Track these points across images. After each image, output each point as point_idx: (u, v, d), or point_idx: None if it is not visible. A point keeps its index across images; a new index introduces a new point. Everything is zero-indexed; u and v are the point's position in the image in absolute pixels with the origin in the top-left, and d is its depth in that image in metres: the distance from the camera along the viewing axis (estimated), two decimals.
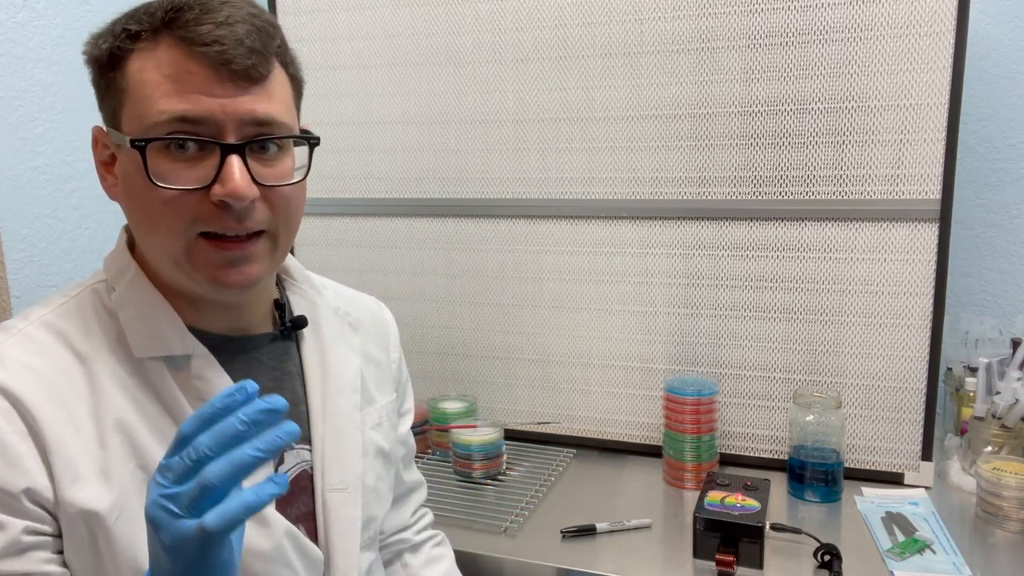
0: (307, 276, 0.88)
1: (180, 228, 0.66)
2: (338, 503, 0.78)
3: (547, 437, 1.50)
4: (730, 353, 1.37)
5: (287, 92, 0.72)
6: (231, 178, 0.64)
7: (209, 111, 0.64)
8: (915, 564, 1.03)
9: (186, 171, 0.65)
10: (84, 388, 0.67)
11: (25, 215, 1.37)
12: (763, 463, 1.36)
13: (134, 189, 0.67)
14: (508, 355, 1.51)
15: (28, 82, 1.36)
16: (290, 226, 0.73)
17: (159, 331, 0.70)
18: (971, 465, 1.25)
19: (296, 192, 0.72)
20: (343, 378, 0.83)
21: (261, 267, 0.70)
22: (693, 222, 1.35)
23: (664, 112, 1.34)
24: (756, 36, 1.27)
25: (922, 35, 1.19)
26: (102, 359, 0.68)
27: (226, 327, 0.75)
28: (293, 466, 0.77)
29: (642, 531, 1.15)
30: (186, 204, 0.65)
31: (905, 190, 1.24)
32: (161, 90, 0.64)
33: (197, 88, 0.64)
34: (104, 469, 0.65)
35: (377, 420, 0.87)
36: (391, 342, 0.94)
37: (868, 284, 1.28)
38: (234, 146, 0.65)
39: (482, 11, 1.41)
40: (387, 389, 0.91)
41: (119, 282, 0.72)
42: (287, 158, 0.71)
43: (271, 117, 0.67)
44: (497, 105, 1.43)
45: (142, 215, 0.68)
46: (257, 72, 0.66)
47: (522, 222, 1.46)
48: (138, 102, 0.65)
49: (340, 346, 0.84)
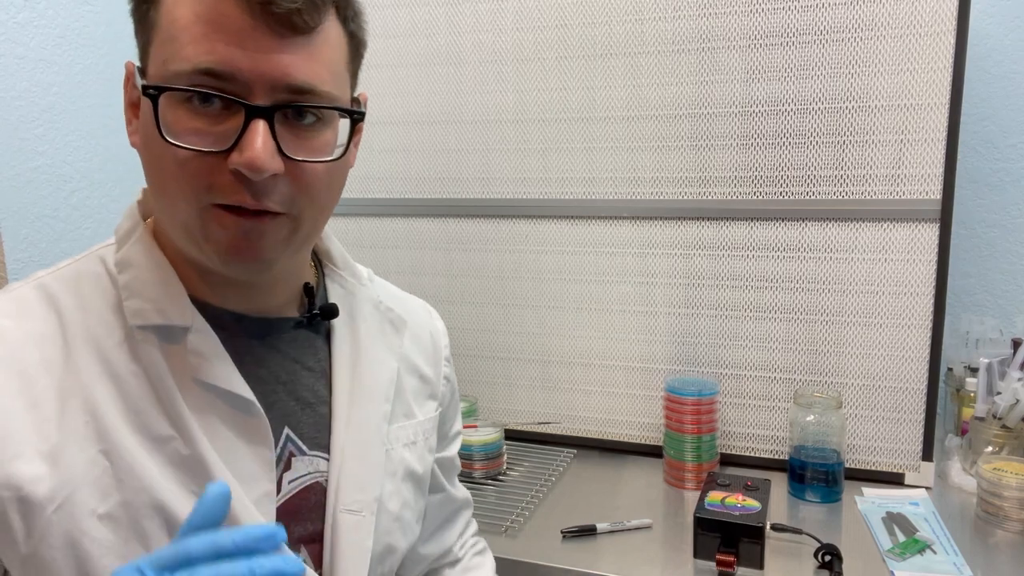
0: (351, 265, 0.78)
1: (192, 195, 0.57)
2: (350, 527, 0.67)
3: (547, 437, 1.50)
4: (730, 353, 1.37)
5: (339, 53, 0.61)
6: (251, 145, 0.55)
7: (238, 66, 0.55)
8: (916, 564, 1.03)
9: (205, 130, 0.56)
10: (56, 359, 0.59)
11: (25, 215, 1.37)
12: (764, 463, 1.36)
13: (148, 141, 0.59)
14: (508, 355, 1.51)
15: (28, 82, 1.36)
16: (317, 211, 0.63)
17: (158, 297, 0.62)
18: (972, 465, 1.25)
19: (330, 172, 0.62)
20: (376, 383, 0.72)
21: (277, 249, 0.61)
22: (693, 222, 1.35)
23: (664, 112, 1.34)
24: (756, 36, 1.27)
25: (922, 35, 1.19)
26: (88, 329, 0.61)
27: (242, 306, 0.66)
28: (304, 475, 0.67)
29: (642, 531, 1.15)
30: (200, 168, 0.56)
31: (905, 190, 1.24)
32: (190, 33, 0.55)
33: (230, 34, 0.54)
34: (54, 451, 0.57)
35: (412, 438, 0.76)
36: (441, 355, 0.83)
37: (868, 284, 1.28)
38: (261, 109, 0.55)
39: (482, 11, 1.41)
40: (429, 405, 0.80)
41: (124, 243, 0.65)
42: (327, 131, 0.61)
43: (309, 83, 0.57)
44: (497, 105, 1.43)
45: (154, 172, 0.59)
46: (302, 21, 0.56)
47: (522, 222, 1.46)
48: (165, 43, 0.56)
49: (378, 345, 0.74)
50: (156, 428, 0.60)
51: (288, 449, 0.67)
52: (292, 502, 0.66)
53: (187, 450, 0.60)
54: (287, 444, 0.67)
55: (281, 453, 0.66)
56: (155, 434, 0.60)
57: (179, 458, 0.60)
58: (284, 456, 0.66)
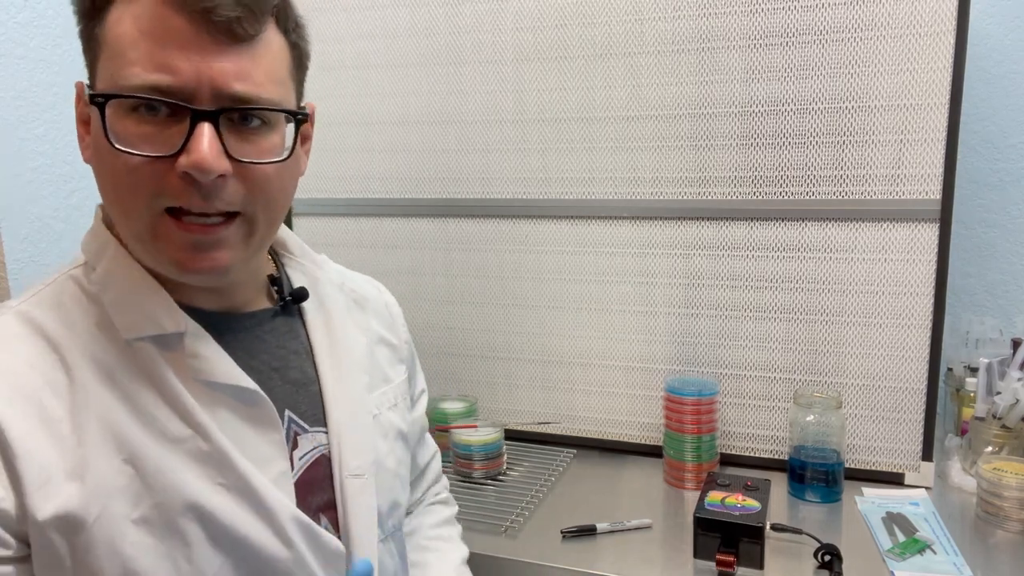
0: (306, 251, 0.82)
1: (142, 201, 0.59)
2: (357, 490, 0.73)
3: (547, 437, 1.50)
4: (730, 353, 1.37)
5: (280, 61, 0.64)
6: (198, 148, 0.57)
7: (182, 74, 0.57)
8: (915, 564, 1.03)
9: (153, 136, 0.58)
10: (60, 380, 0.61)
11: (25, 215, 1.37)
12: (763, 463, 1.36)
13: (99, 153, 0.61)
14: (508, 355, 1.51)
15: (28, 82, 1.36)
16: (271, 211, 0.65)
17: (147, 309, 0.64)
18: (972, 465, 1.25)
19: (279, 173, 0.64)
20: (352, 358, 0.78)
21: (233, 254, 0.64)
22: (693, 222, 1.35)
23: (664, 112, 1.34)
24: (756, 36, 1.27)
25: (922, 35, 1.19)
26: (82, 348, 0.62)
27: (222, 305, 0.70)
28: (310, 451, 0.72)
29: (642, 531, 1.15)
30: (149, 174, 0.58)
31: (905, 190, 1.24)
32: (136, 50, 0.57)
33: (173, 45, 0.57)
34: (79, 467, 0.59)
35: (394, 400, 0.83)
36: (397, 323, 0.90)
37: (868, 284, 1.28)
38: (206, 113, 0.58)
39: (482, 11, 1.41)
40: (400, 368, 0.87)
41: (99, 261, 0.66)
42: (273, 134, 0.64)
43: (251, 88, 0.60)
44: (497, 105, 1.43)
45: (106, 183, 0.61)
46: (242, 29, 0.58)
47: (522, 222, 1.46)
48: (111, 59, 0.59)
49: (347, 323, 0.80)
50: (172, 430, 0.62)
51: (293, 429, 0.72)
52: (305, 476, 0.71)
53: (206, 446, 0.63)
54: (291, 425, 0.72)
55: (287, 433, 0.71)
56: (172, 436, 0.62)
57: (199, 454, 0.63)
58: (290, 436, 0.71)
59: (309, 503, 0.70)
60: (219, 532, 0.62)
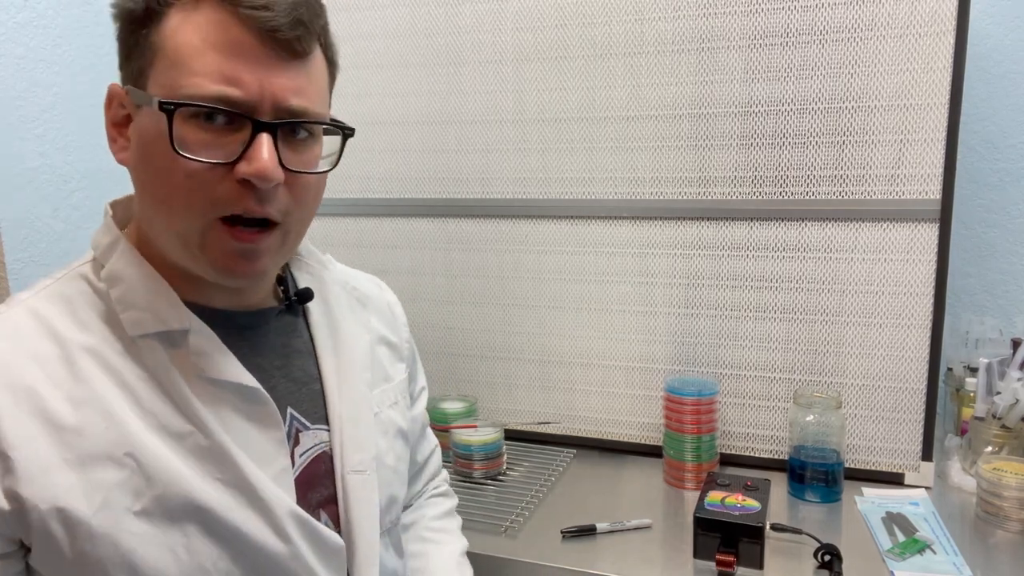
0: (312, 251, 0.85)
1: (198, 207, 0.62)
2: (358, 486, 0.74)
3: (547, 437, 1.50)
4: (730, 353, 1.37)
5: (324, 77, 0.68)
6: (259, 157, 0.61)
7: (247, 86, 0.61)
8: (915, 564, 1.03)
9: (211, 144, 0.61)
10: (62, 374, 0.62)
11: (25, 215, 1.37)
12: (763, 463, 1.36)
13: (152, 156, 0.63)
14: (508, 355, 1.51)
15: (28, 82, 1.36)
16: (304, 219, 0.70)
17: (153, 305, 0.65)
18: (971, 465, 1.25)
19: (317, 183, 0.69)
20: (355, 356, 0.79)
21: (270, 261, 0.67)
22: (693, 222, 1.35)
23: (664, 112, 1.34)
24: (756, 36, 1.27)
25: (922, 35, 1.19)
26: (87, 343, 0.64)
27: (227, 303, 0.72)
28: (311, 447, 0.74)
29: (642, 531, 1.15)
30: (208, 180, 0.61)
31: (905, 190, 1.24)
32: (202, 61, 0.60)
33: (239, 58, 0.60)
34: (80, 459, 0.60)
35: (394, 398, 0.85)
36: (399, 322, 0.92)
37: (868, 284, 1.28)
38: (267, 124, 0.62)
39: (482, 11, 1.41)
40: (400, 367, 0.89)
41: (108, 257, 0.68)
42: (316, 146, 0.68)
43: (305, 102, 0.64)
44: (497, 105, 1.43)
45: (157, 185, 0.63)
46: (301, 47, 0.63)
47: (522, 222, 1.46)
48: (173, 67, 0.61)
49: (350, 321, 0.81)
50: (173, 425, 0.64)
51: (295, 426, 0.73)
52: (306, 473, 0.72)
53: (206, 441, 0.65)
54: (293, 422, 0.73)
55: (289, 431, 0.72)
56: (173, 431, 0.64)
57: (200, 450, 0.64)
58: (292, 433, 0.73)
59: (309, 499, 0.72)
60: (217, 526, 0.64)
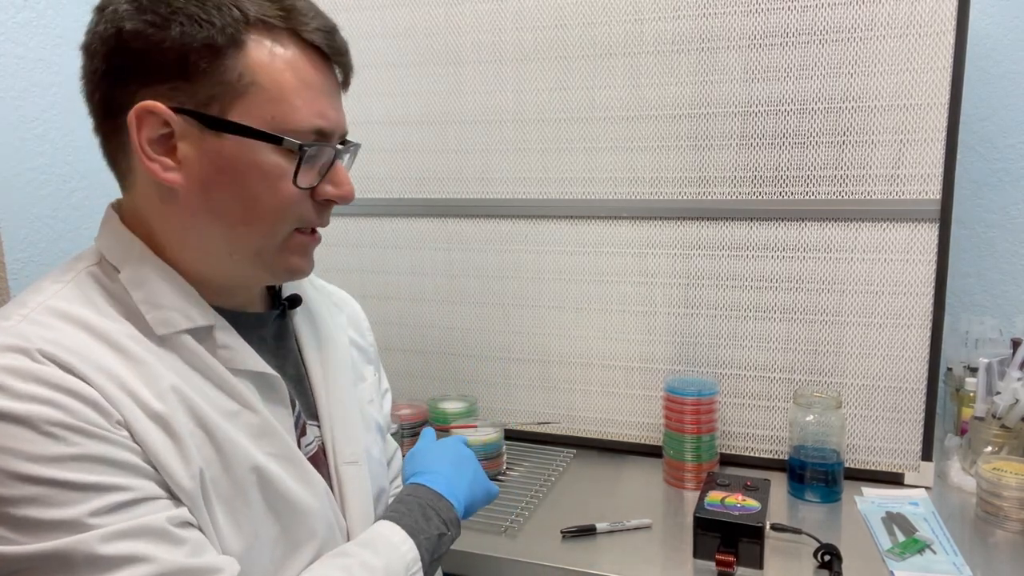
0: None
1: (283, 226, 0.69)
2: (352, 476, 0.79)
3: (547, 437, 1.50)
4: (730, 353, 1.37)
5: None
6: (346, 181, 0.72)
7: (332, 120, 0.69)
8: (915, 564, 1.03)
9: (303, 173, 0.68)
10: (112, 358, 0.62)
11: (25, 215, 1.37)
12: (763, 463, 1.36)
13: (241, 183, 0.66)
14: (508, 355, 1.51)
15: (28, 82, 1.36)
16: None
17: (179, 305, 0.67)
18: (971, 465, 1.25)
19: None
20: (337, 356, 0.84)
21: None
22: (693, 222, 1.35)
23: (664, 112, 1.34)
24: (756, 36, 1.27)
25: (922, 35, 1.19)
26: (121, 337, 0.64)
27: (232, 305, 0.74)
28: (312, 440, 0.78)
29: (642, 531, 1.15)
30: (298, 202, 0.69)
31: (905, 190, 1.24)
32: (300, 98, 0.67)
33: (325, 95, 0.69)
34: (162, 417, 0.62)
35: (370, 396, 0.89)
36: (363, 327, 0.97)
37: (868, 284, 1.28)
38: (340, 150, 0.71)
39: (482, 11, 1.41)
40: (370, 369, 0.93)
41: (125, 262, 0.68)
42: None
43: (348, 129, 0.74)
44: (497, 105, 1.43)
45: (240, 210, 0.67)
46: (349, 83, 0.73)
47: (522, 222, 1.46)
48: (272, 101, 0.66)
49: (329, 324, 0.86)
50: (225, 405, 0.68)
51: (302, 418, 0.77)
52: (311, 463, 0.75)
53: (256, 419, 0.69)
54: (300, 415, 0.77)
55: (297, 421, 0.76)
56: (225, 410, 0.68)
57: (251, 427, 0.69)
58: (300, 423, 0.76)
59: None
60: (273, 496, 0.69)
